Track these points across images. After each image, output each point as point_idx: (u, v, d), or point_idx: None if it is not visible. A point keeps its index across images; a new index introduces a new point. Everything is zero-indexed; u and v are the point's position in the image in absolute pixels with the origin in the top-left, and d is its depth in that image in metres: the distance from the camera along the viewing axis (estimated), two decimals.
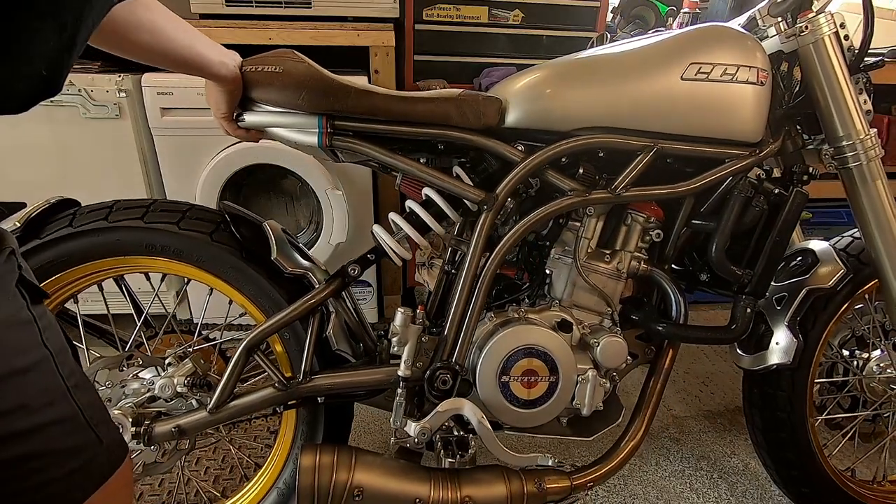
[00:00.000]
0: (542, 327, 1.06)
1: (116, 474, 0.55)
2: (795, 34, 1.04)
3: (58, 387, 0.51)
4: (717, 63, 1.01)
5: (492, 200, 1.03)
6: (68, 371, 0.52)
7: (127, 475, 0.57)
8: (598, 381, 1.09)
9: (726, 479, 1.55)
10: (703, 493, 1.50)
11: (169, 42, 0.81)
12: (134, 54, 0.79)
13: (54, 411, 0.50)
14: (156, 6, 0.79)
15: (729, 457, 1.63)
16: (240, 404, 1.06)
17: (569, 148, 1.03)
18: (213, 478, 1.48)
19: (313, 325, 1.07)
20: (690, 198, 1.10)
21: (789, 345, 1.18)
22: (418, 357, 1.04)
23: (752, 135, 1.05)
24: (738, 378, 1.93)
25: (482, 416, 1.04)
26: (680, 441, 1.67)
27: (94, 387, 0.58)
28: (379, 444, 1.62)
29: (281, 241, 1.09)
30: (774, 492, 1.50)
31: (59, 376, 0.51)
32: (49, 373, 0.50)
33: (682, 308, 1.15)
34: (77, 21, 0.46)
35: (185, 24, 0.85)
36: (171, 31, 0.81)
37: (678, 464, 1.59)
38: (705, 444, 1.67)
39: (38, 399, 0.48)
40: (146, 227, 1.03)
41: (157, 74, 1.75)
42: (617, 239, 1.14)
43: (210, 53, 0.89)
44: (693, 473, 1.56)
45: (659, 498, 1.48)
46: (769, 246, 1.09)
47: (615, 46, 1.09)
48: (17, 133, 1.77)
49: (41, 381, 0.49)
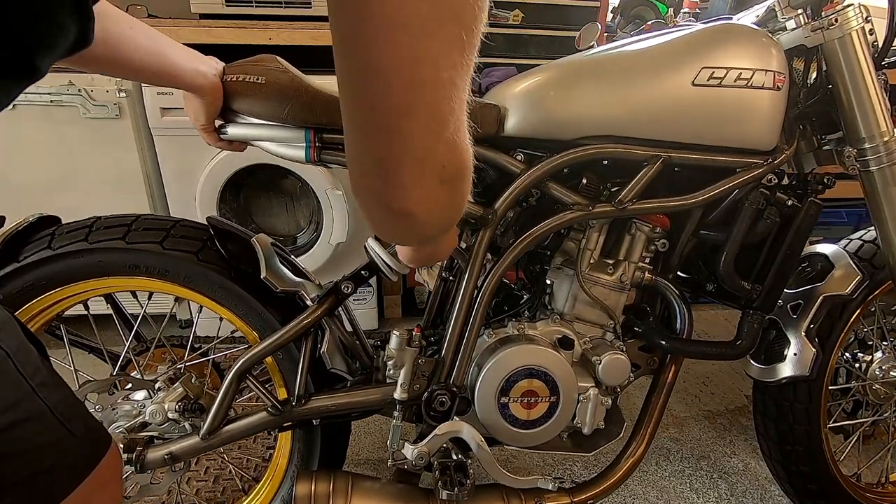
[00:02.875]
0: (543, 346, 0.96)
1: (99, 468, 0.51)
2: (822, 27, 0.90)
3: (20, 385, 0.47)
4: (730, 67, 0.88)
5: (490, 216, 0.91)
6: (31, 370, 0.49)
7: (113, 468, 0.53)
8: (599, 400, 0.99)
9: (726, 479, 1.46)
10: (703, 493, 1.42)
11: (132, 52, 0.69)
12: (91, 67, 0.68)
13: (21, 410, 0.47)
14: (114, 15, 0.67)
15: (729, 457, 1.53)
16: (233, 429, 0.97)
17: (572, 159, 0.91)
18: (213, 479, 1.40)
19: (307, 345, 0.97)
20: (699, 208, 0.98)
21: (807, 356, 1.07)
22: (415, 380, 0.94)
23: (766, 143, 0.93)
24: (738, 378, 1.85)
25: (481, 439, 0.94)
26: (680, 441, 1.58)
27: (64, 383, 0.53)
28: (379, 444, 1.53)
29: (270, 257, 0.98)
30: (775, 492, 1.41)
31: (20, 375, 0.47)
32: (8, 372, 0.47)
33: (686, 319, 1.04)
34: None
35: (152, 32, 0.74)
36: (131, 41, 0.69)
37: (678, 464, 1.50)
38: (705, 444, 1.58)
39: (1, 400, 0.45)
40: (128, 248, 0.93)
41: None
42: (620, 249, 1.03)
43: (182, 62, 0.77)
44: (693, 473, 1.47)
45: (659, 498, 1.40)
46: (780, 259, 0.98)
47: (621, 47, 0.97)
48: (16, 133, 1.68)
49: (1, 382, 0.46)
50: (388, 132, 0.37)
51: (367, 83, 0.35)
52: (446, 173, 0.41)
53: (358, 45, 0.33)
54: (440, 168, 0.41)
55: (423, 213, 0.43)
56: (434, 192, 0.42)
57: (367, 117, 0.37)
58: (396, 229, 0.50)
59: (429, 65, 0.34)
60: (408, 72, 0.34)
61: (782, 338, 1.13)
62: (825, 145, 1.04)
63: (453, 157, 0.41)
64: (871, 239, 1.18)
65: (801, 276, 1.16)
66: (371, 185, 0.42)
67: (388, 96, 0.35)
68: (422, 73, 0.34)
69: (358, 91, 0.36)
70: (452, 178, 0.43)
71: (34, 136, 1.68)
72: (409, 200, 0.42)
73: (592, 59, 0.96)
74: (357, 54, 0.34)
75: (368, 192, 0.43)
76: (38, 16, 0.37)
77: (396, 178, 0.40)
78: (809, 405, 1.13)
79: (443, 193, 0.43)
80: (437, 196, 0.43)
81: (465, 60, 0.35)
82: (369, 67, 0.34)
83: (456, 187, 0.44)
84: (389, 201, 0.42)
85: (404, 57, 0.33)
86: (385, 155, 0.39)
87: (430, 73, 0.34)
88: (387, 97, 0.35)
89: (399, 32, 0.32)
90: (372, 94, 0.35)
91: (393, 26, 0.32)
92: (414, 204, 0.42)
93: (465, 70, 0.36)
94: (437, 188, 0.42)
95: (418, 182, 0.41)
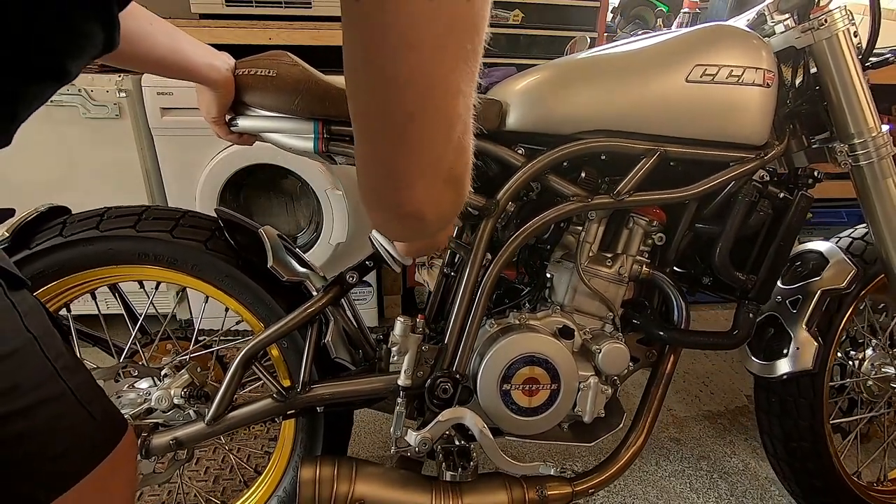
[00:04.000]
0: (544, 334, 1.01)
1: (116, 450, 0.54)
2: (812, 28, 0.97)
3: (45, 368, 0.50)
4: (722, 65, 0.94)
5: (492, 207, 0.96)
6: (55, 353, 0.51)
7: (128, 452, 0.56)
8: (599, 389, 1.04)
9: (726, 479, 1.50)
10: (703, 493, 1.46)
11: (151, 48, 0.75)
12: (110, 62, 0.73)
13: (44, 392, 0.49)
14: (136, 12, 0.73)
15: (729, 457, 1.58)
16: (238, 415, 1.01)
17: (571, 152, 0.97)
18: (213, 479, 1.43)
19: (311, 333, 1.01)
20: (694, 201, 1.04)
21: (809, 350, 1.11)
22: (419, 367, 0.99)
23: (757, 138, 0.99)
24: (738, 378, 1.90)
25: (483, 425, 0.99)
26: (680, 441, 1.62)
27: (85, 368, 0.57)
28: (379, 443, 1.57)
29: (277, 247, 1.03)
30: (775, 492, 1.45)
31: (45, 359, 0.50)
32: (35, 355, 0.50)
33: (683, 312, 1.09)
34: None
35: (169, 27, 0.79)
36: (151, 37, 0.74)
37: (678, 464, 1.54)
38: (705, 444, 1.62)
39: (26, 381, 0.48)
40: (139, 236, 0.97)
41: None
42: (619, 242, 1.08)
43: (196, 56, 0.83)
44: (693, 473, 1.52)
45: (659, 498, 1.43)
46: (773, 251, 1.04)
47: (617, 47, 1.03)
48: (17, 133, 1.70)
49: (28, 364, 0.49)
50: (400, 141, 0.41)
51: (381, 95, 0.38)
52: (453, 174, 0.46)
53: (375, 62, 0.37)
54: (448, 170, 0.45)
55: (431, 213, 0.47)
56: (441, 193, 0.46)
57: (380, 127, 0.41)
58: (405, 229, 0.54)
59: (440, 76, 0.38)
60: (421, 85, 0.38)
61: (782, 333, 1.17)
62: (813, 144, 1.10)
63: (460, 159, 0.45)
64: (860, 236, 1.23)
65: (797, 273, 1.21)
66: (382, 191, 0.46)
67: (402, 105, 0.38)
68: (434, 83, 0.38)
69: (371, 102, 0.40)
70: (458, 177, 0.47)
71: (34, 135, 1.71)
72: (420, 203, 0.45)
73: (590, 58, 1.02)
74: (374, 70, 0.37)
75: (379, 197, 0.47)
76: (69, 28, 0.41)
77: (407, 183, 0.44)
78: (813, 400, 1.16)
79: (448, 192, 0.47)
80: (444, 196, 0.47)
81: (470, 68, 0.39)
82: (386, 81, 0.37)
83: (460, 185, 0.48)
84: (400, 205, 0.46)
85: (419, 71, 0.37)
86: (397, 161, 0.42)
87: (441, 84, 0.38)
88: (400, 107, 0.38)
89: (416, 51, 0.36)
90: (386, 105, 0.39)
91: (410, 46, 0.35)
92: (424, 206, 0.46)
93: (471, 76, 0.40)
94: (443, 189, 0.46)
95: (429, 185, 0.44)
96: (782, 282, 1.22)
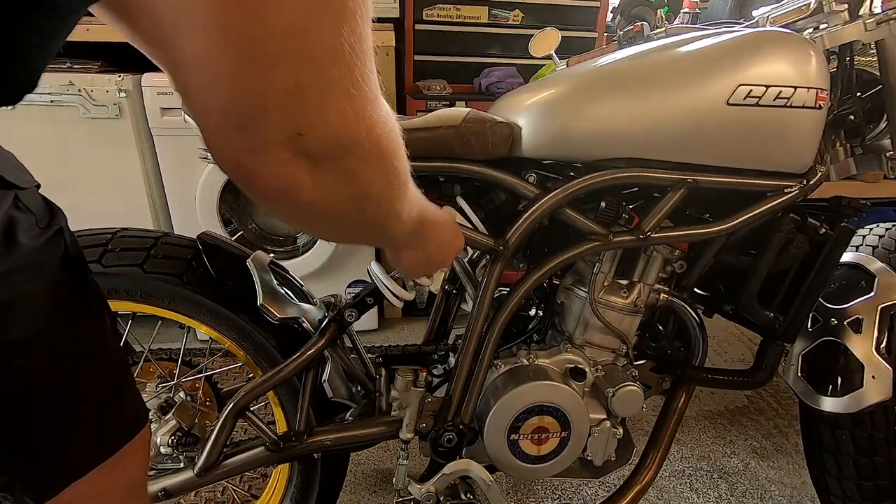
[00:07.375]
0: (554, 381, 0.80)
1: (140, 435, 0.49)
2: (888, 19, 0.74)
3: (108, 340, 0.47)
4: (770, 85, 0.71)
5: (501, 247, 0.75)
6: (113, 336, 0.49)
7: (146, 439, 0.52)
8: (611, 433, 0.85)
9: (726, 479, 1.34)
10: (703, 493, 1.29)
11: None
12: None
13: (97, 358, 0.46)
14: None
15: (729, 457, 1.41)
16: (230, 465, 0.81)
17: (590, 185, 0.75)
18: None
19: (308, 378, 0.81)
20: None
21: (886, 376, 0.87)
22: (421, 419, 0.79)
23: (801, 165, 0.77)
24: None
25: (490, 477, 0.80)
26: (680, 441, 1.45)
27: (124, 352, 0.47)
28: (383, 454, 1.38)
29: (267, 281, 0.81)
30: (775, 492, 1.29)
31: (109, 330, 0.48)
32: (107, 329, 0.47)
33: (700, 344, 0.90)
34: None
35: None
36: None
37: (678, 464, 1.37)
38: (705, 444, 1.45)
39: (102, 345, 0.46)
40: (105, 273, 0.75)
41: (157, 74, 1.48)
42: (635, 270, 0.87)
43: None
44: (693, 473, 1.35)
45: (659, 498, 1.27)
46: (807, 289, 0.83)
47: (643, 54, 0.79)
48: (16, 133, 1.48)
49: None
50: (256, 85, 0.29)
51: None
52: (309, 145, 0.32)
53: None
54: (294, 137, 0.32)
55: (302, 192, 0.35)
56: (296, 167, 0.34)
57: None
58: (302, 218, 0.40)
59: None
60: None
61: (849, 360, 0.90)
62: (857, 151, 0.87)
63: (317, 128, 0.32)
64: (881, 235, 1.00)
65: (845, 290, 0.95)
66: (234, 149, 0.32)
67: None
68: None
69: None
70: (325, 152, 0.34)
71: (34, 136, 1.50)
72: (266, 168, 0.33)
73: (613, 68, 0.78)
74: None
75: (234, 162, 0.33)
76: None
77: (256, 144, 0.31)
78: (887, 432, 0.92)
79: (313, 168, 0.34)
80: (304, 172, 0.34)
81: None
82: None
83: (342, 164, 0.35)
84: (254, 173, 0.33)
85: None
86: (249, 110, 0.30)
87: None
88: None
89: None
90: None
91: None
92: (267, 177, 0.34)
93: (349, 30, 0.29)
94: (300, 162, 0.33)
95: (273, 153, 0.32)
96: (828, 300, 0.96)
